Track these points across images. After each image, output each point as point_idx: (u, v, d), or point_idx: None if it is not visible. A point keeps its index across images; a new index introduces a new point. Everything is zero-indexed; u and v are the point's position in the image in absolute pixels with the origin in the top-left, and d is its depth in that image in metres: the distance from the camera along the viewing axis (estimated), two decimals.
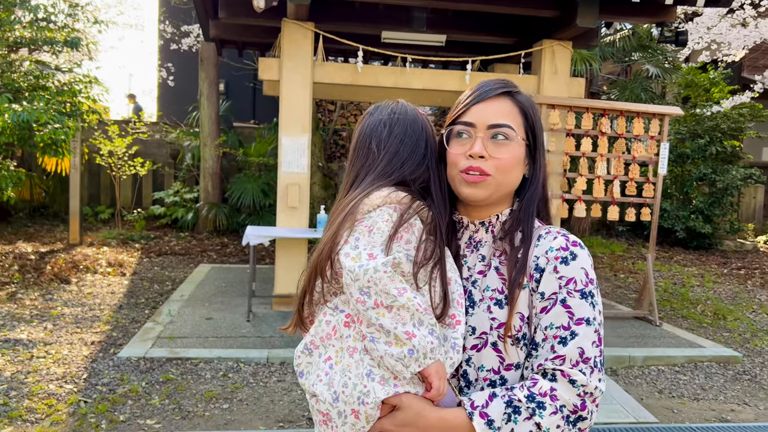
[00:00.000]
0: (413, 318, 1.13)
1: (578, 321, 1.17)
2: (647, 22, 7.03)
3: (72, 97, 7.66)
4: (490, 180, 1.26)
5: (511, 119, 1.27)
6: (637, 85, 11.57)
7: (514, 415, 1.12)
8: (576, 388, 1.13)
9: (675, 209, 11.92)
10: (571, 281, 1.20)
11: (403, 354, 1.12)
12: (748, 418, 4.38)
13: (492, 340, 1.22)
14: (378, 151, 1.32)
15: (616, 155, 6.32)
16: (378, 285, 1.13)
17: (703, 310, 7.28)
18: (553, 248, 1.23)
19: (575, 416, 1.13)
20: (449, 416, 1.15)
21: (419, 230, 1.24)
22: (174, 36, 12.05)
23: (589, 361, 1.15)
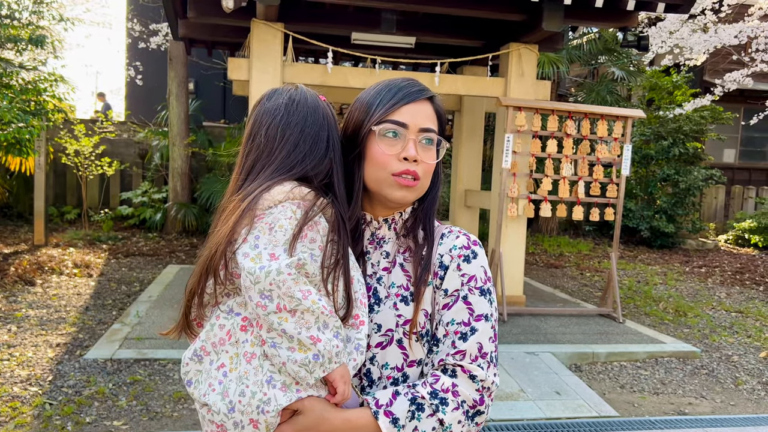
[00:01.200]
0: (318, 321, 1.09)
1: (477, 317, 1.19)
2: (611, 27, 7.21)
3: (37, 95, 7.53)
4: (419, 184, 1.25)
5: (434, 124, 1.28)
6: (602, 88, 11.80)
7: (418, 412, 1.12)
8: (476, 383, 1.15)
9: (640, 209, 12.20)
10: (472, 279, 1.22)
11: (307, 359, 1.07)
12: (705, 410, 4.54)
13: (397, 337, 1.21)
14: (276, 141, 1.22)
15: (581, 156, 6.46)
16: (281, 288, 1.06)
17: (665, 308, 7.48)
18: (456, 247, 1.25)
19: (474, 411, 1.14)
20: (353, 417, 1.13)
21: (324, 228, 1.17)
22: (142, 34, 11.91)
23: (486, 356, 1.17)
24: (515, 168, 6.31)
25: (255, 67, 6.04)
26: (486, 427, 3.97)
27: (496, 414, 4.16)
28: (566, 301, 7.45)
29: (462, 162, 8.07)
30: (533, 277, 9.11)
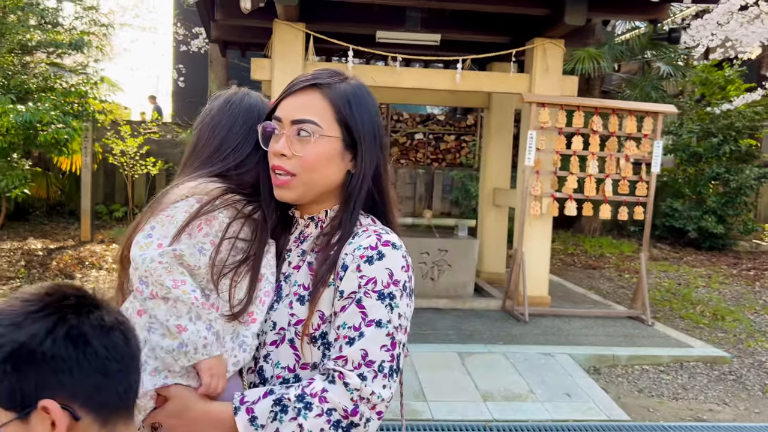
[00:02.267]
0: (190, 312, 1.10)
1: (369, 322, 1.10)
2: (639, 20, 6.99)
3: (79, 98, 7.88)
4: (296, 181, 1.19)
5: (317, 113, 1.18)
6: (647, 84, 11.41)
7: (281, 414, 1.06)
8: (350, 392, 1.06)
9: (687, 209, 11.74)
10: (371, 281, 1.12)
11: (173, 347, 1.10)
12: (726, 418, 4.34)
13: (289, 337, 1.17)
14: (205, 139, 1.27)
15: (608, 153, 6.28)
16: (153, 275, 1.10)
17: (703, 311, 7.18)
18: (361, 246, 1.16)
19: (347, 421, 1.06)
20: (215, 410, 1.11)
21: (221, 224, 1.18)
22: (186, 38, 12.29)
23: (372, 365, 1.08)
24: (539, 165, 6.19)
25: (277, 67, 6.14)
26: (489, 427, 3.93)
27: (500, 414, 4.10)
28: (597, 302, 7.26)
29: (490, 160, 7.97)
30: (568, 278, 8.91)
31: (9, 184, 6.85)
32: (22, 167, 7.61)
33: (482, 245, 8.05)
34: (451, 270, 6.72)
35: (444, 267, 6.72)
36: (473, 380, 4.60)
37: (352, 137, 1.21)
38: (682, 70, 11.90)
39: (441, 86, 6.40)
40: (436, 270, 6.71)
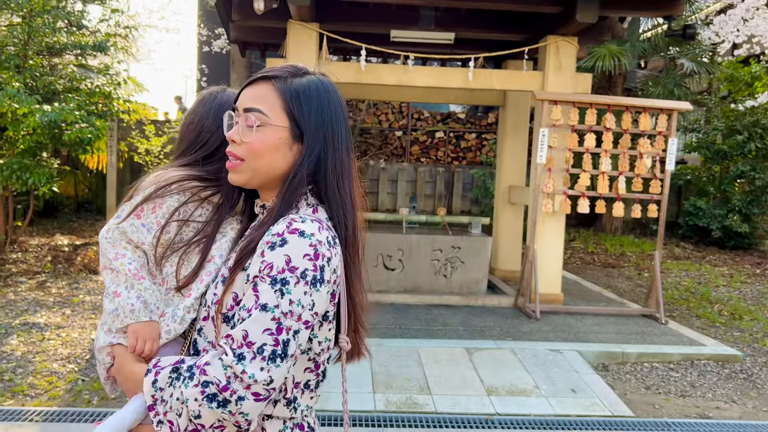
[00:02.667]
0: (126, 282, 1.28)
1: (257, 305, 1.12)
2: (654, 16, 6.91)
3: (104, 98, 8.10)
4: (244, 166, 1.26)
5: (265, 103, 1.25)
6: (670, 81, 11.28)
7: (176, 380, 1.14)
8: (224, 368, 1.10)
9: (711, 208, 11.56)
10: (268, 266, 1.14)
11: (110, 310, 1.29)
12: (732, 415, 4.32)
13: (212, 314, 1.26)
14: (182, 133, 1.45)
15: (621, 151, 6.26)
16: (102, 248, 1.31)
17: (720, 310, 7.10)
18: (270, 232, 1.18)
19: (221, 396, 1.09)
20: (137, 369, 1.25)
21: (169, 207, 1.32)
22: (209, 38, 12.50)
23: (252, 346, 1.10)
24: (551, 163, 6.19)
25: None
26: (490, 421, 3.98)
27: (503, 408, 4.15)
28: (612, 300, 7.22)
29: (506, 158, 7.99)
30: (586, 276, 8.88)
31: (36, 182, 7.08)
32: (50, 166, 7.87)
33: (497, 243, 8.07)
34: (464, 267, 6.76)
35: (457, 264, 6.76)
36: (479, 375, 4.65)
37: (299, 129, 1.27)
38: (706, 67, 11.73)
39: (453, 84, 6.44)
40: (449, 267, 6.76)
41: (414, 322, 5.86)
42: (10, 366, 4.46)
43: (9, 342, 4.93)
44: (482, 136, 13.97)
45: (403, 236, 6.70)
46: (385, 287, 6.69)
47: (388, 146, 13.84)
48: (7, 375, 4.31)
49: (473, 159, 13.92)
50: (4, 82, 6.86)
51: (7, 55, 7.24)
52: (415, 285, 6.74)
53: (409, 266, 6.72)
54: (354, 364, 1.42)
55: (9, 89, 6.55)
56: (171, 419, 1.14)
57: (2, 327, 5.27)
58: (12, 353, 4.70)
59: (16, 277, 6.95)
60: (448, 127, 13.99)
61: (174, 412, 1.13)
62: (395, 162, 13.31)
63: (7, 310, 5.77)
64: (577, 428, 3.94)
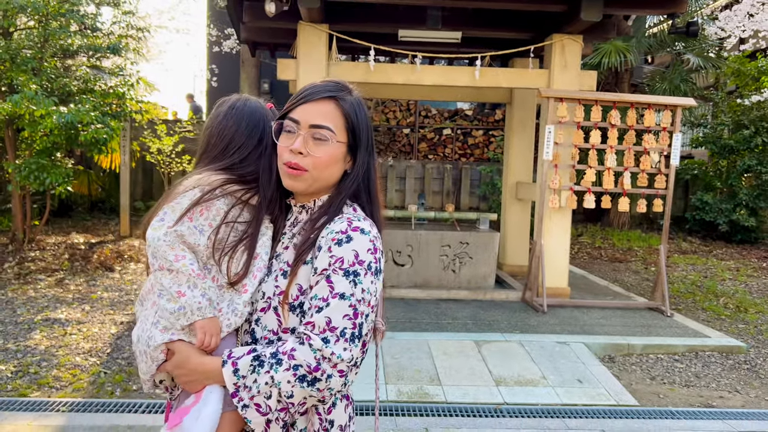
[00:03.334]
0: (189, 281, 1.35)
1: (335, 295, 1.29)
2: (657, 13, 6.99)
3: (117, 99, 8.27)
4: (307, 175, 1.40)
5: (332, 121, 1.39)
6: (676, 76, 11.34)
7: (259, 367, 1.27)
8: (313, 351, 1.25)
9: (718, 202, 11.63)
10: (339, 260, 1.31)
11: (174, 309, 1.34)
12: (735, 404, 4.43)
13: (274, 305, 1.38)
14: (215, 139, 1.52)
15: (626, 147, 6.36)
16: (159, 251, 1.35)
17: (726, 303, 7.20)
18: (333, 231, 1.35)
19: (311, 377, 1.25)
20: (207, 361, 1.34)
21: (219, 210, 1.41)
22: (219, 39, 12.66)
23: (335, 330, 1.26)
24: (557, 159, 6.31)
25: (302, 68, 6.39)
26: (499, 410, 4.11)
27: (511, 398, 4.27)
28: (619, 294, 7.33)
29: (513, 154, 8.10)
30: (593, 270, 8.98)
31: (53, 182, 7.26)
32: (65, 165, 8.05)
33: (505, 238, 8.19)
34: (473, 262, 6.89)
35: (465, 259, 6.89)
36: (488, 366, 4.78)
37: (354, 143, 1.44)
38: (712, 62, 11.78)
39: (461, 83, 6.56)
40: (458, 262, 6.89)
41: (424, 316, 5.99)
42: (35, 359, 4.63)
43: (33, 337, 5.10)
44: (489, 133, 14.07)
45: (412, 232, 6.83)
46: (396, 282, 6.83)
47: (396, 144, 13.96)
48: (33, 368, 4.48)
49: (481, 156, 14.02)
50: (21, 85, 7.04)
51: (23, 58, 7.42)
52: (424, 280, 6.87)
53: (418, 262, 6.86)
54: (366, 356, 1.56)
55: (27, 91, 6.73)
56: (258, 402, 1.27)
57: (25, 323, 5.45)
58: (36, 347, 4.87)
59: (35, 274, 7.13)
60: (455, 124, 14.10)
61: (262, 396, 1.26)
62: (403, 159, 13.43)
63: (28, 306, 5.95)
64: (582, 416, 4.07)
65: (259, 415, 1.28)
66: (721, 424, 4.01)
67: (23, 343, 4.94)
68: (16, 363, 4.56)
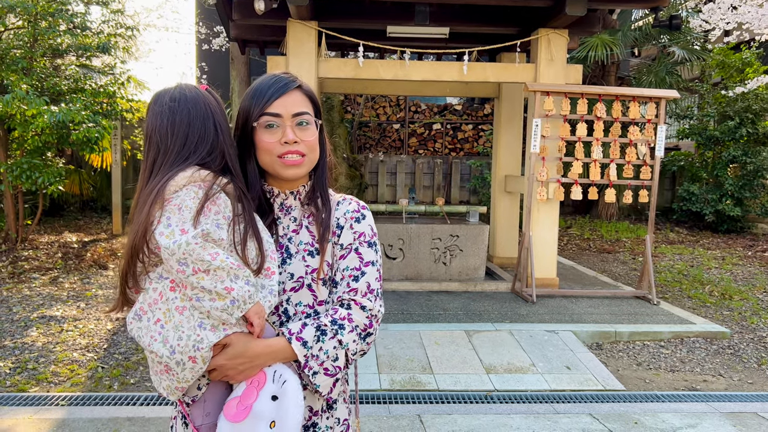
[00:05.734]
0: (229, 275, 1.33)
1: (366, 263, 1.51)
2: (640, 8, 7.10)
3: (108, 98, 8.30)
4: (306, 159, 1.51)
5: (306, 107, 1.53)
6: (661, 69, 11.48)
7: (322, 336, 1.41)
8: (365, 312, 1.46)
9: (704, 192, 11.80)
10: (362, 235, 1.54)
11: (226, 305, 1.33)
12: (719, 387, 4.56)
13: (307, 282, 1.51)
14: (168, 138, 1.42)
15: (612, 139, 6.48)
16: (192, 255, 1.30)
17: (711, 291, 7.34)
18: (349, 211, 1.57)
19: (365, 333, 1.46)
20: (273, 343, 1.41)
21: (225, 202, 1.40)
22: (208, 36, 12.67)
23: (373, 292, 1.49)
24: (544, 152, 6.41)
25: (291, 64, 6.46)
26: (489, 396, 4.22)
27: (501, 385, 4.39)
28: (607, 284, 7.46)
29: (502, 148, 8.20)
30: (581, 261, 9.12)
31: (45, 181, 7.30)
32: (56, 165, 8.08)
33: (495, 231, 8.30)
34: (463, 255, 7.00)
35: (456, 252, 7.00)
36: (478, 355, 4.89)
37: (318, 119, 1.58)
38: (697, 54, 11.93)
39: (449, 78, 6.65)
40: (448, 255, 6.99)
41: (415, 308, 6.10)
42: (33, 356, 4.70)
43: (29, 334, 5.16)
44: (479, 127, 14.18)
45: (403, 226, 6.93)
46: (387, 276, 6.93)
47: (386, 139, 14.04)
48: (31, 364, 4.55)
49: (470, 150, 14.13)
50: (12, 85, 7.07)
51: (13, 58, 7.44)
52: (416, 273, 6.98)
53: (409, 255, 6.96)
54: None
55: (18, 91, 6.76)
56: (327, 366, 1.41)
57: (21, 320, 5.50)
58: (33, 344, 4.94)
59: (29, 273, 7.17)
60: (445, 119, 14.20)
61: (330, 360, 1.41)
62: (394, 154, 13.52)
63: (24, 304, 6.00)
64: (570, 401, 4.19)
65: (328, 378, 1.42)
66: (704, 406, 4.14)
67: (20, 340, 5.00)
68: (13, 359, 4.63)
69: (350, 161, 11.42)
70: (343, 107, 13.30)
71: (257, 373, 1.40)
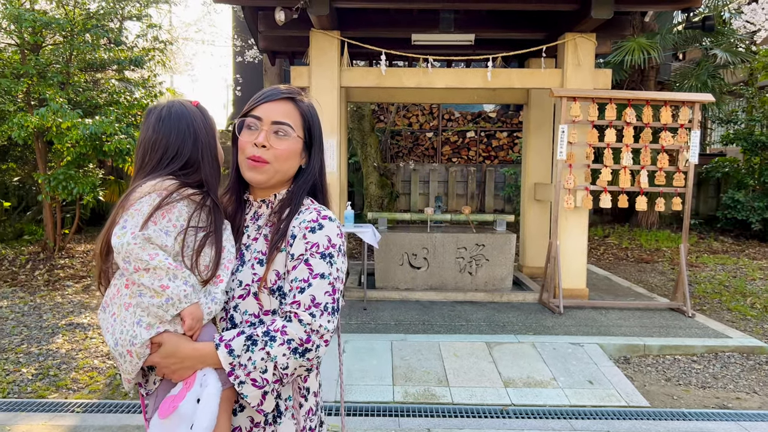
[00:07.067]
0: (168, 274, 1.41)
1: (315, 275, 1.44)
2: (671, 9, 6.86)
3: (142, 109, 8.50)
4: (269, 167, 1.52)
5: (291, 119, 1.53)
6: (702, 72, 11.09)
7: (252, 346, 1.39)
8: (303, 326, 1.39)
9: (750, 200, 11.32)
10: (314, 245, 1.47)
11: (161, 302, 1.40)
12: (752, 406, 4.32)
13: (253, 291, 1.49)
14: (149, 152, 1.55)
15: (643, 145, 6.26)
16: (132, 255, 1.39)
17: (753, 303, 7.01)
18: (305, 220, 1.50)
19: (302, 348, 1.39)
20: (200, 347, 1.43)
21: (180, 211, 1.49)
22: (242, 48, 12.88)
23: (319, 306, 1.42)
24: (571, 159, 6.25)
25: (314, 74, 6.48)
26: (505, 411, 4.10)
27: (518, 399, 4.25)
28: (641, 295, 7.20)
29: (531, 155, 8.04)
30: (617, 272, 8.84)
31: (80, 191, 7.50)
32: (95, 176, 8.31)
33: (524, 240, 8.13)
34: (489, 264, 6.86)
35: (482, 261, 6.87)
36: (497, 368, 4.76)
37: (311, 141, 1.60)
38: (741, 57, 11.48)
39: (473, 84, 6.56)
40: (474, 264, 6.87)
41: (437, 319, 6.00)
42: (56, 363, 4.80)
43: (55, 341, 5.28)
44: (514, 134, 13.98)
45: (427, 235, 6.84)
46: (411, 285, 6.85)
47: (419, 147, 13.97)
48: (53, 371, 4.64)
49: (505, 157, 13.94)
50: (49, 98, 7.30)
51: (53, 72, 7.69)
52: (440, 283, 6.87)
53: (434, 264, 6.86)
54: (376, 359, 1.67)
55: (53, 104, 6.97)
56: (254, 377, 1.38)
57: (49, 327, 5.64)
58: (57, 351, 5.04)
59: (63, 281, 7.36)
60: (478, 127, 14.05)
61: (258, 371, 1.38)
62: (427, 163, 13.44)
63: (54, 311, 6.15)
64: (589, 418, 4.02)
65: (256, 389, 1.39)
66: (734, 426, 3.92)
67: (45, 347, 5.12)
68: (37, 366, 4.73)
69: (381, 170, 11.39)
70: (375, 116, 13.31)
71: (192, 375, 1.42)
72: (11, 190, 10.94)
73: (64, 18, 7.54)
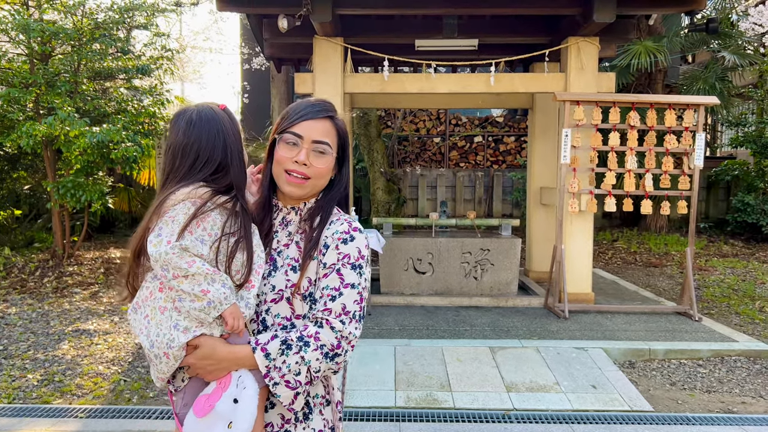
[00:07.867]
0: (206, 279, 1.46)
1: (346, 285, 1.54)
2: (674, 11, 6.82)
3: (149, 117, 8.58)
4: (309, 183, 1.60)
5: (330, 138, 1.62)
6: (710, 75, 11.02)
7: (287, 350, 1.47)
8: (335, 332, 1.49)
9: (760, 203, 11.22)
10: (346, 256, 1.56)
11: (203, 306, 1.46)
12: (758, 410, 4.27)
13: (286, 296, 1.57)
14: (180, 158, 1.58)
15: (647, 148, 6.24)
16: (170, 263, 1.44)
17: (762, 307, 6.94)
18: (338, 231, 1.59)
19: (333, 353, 1.49)
20: (237, 350, 1.50)
21: (214, 220, 1.52)
22: (249, 56, 12.96)
23: (348, 314, 1.52)
24: (575, 163, 6.23)
25: (318, 81, 6.51)
26: (507, 416, 4.09)
27: (520, 404, 4.24)
28: (648, 299, 7.15)
29: (536, 159, 8.03)
30: (625, 276, 8.79)
31: (88, 199, 7.57)
32: (104, 183, 8.39)
33: (530, 244, 8.11)
34: (494, 269, 6.85)
35: (487, 266, 6.86)
36: (500, 372, 4.75)
37: (342, 156, 1.70)
38: (749, 59, 11.40)
39: (476, 89, 6.56)
40: (479, 269, 6.86)
41: (441, 324, 5.99)
42: (61, 368, 4.84)
43: (61, 347, 5.33)
44: (521, 139, 13.95)
45: (432, 240, 6.84)
46: (416, 290, 6.85)
47: (426, 152, 13.99)
48: (57, 377, 4.68)
49: (513, 162, 13.91)
50: (57, 107, 7.38)
51: (60, 81, 7.78)
52: (445, 287, 6.87)
53: (439, 269, 6.86)
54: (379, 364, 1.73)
55: (60, 113, 7.05)
56: (288, 379, 1.47)
57: (56, 334, 5.69)
58: (63, 357, 5.09)
59: (71, 288, 7.43)
60: (486, 132, 14.05)
61: (292, 373, 1.47)
62: (434, 168, 13.44)
63: (61, 318, 6.21)
64: (592, 422, 4.00)
65: (289, 390, 1.48)
66: (738, 430, 3.88)
67: (51, 353, 5.17)
68: (42, 372, 4.78)
69: (388, 176, 11.40)
70: (382, 122, 13.35)
71: (226, 375, 1.50)
72: (22, 198, 11.05)
73: (72, 28, 7.63)
